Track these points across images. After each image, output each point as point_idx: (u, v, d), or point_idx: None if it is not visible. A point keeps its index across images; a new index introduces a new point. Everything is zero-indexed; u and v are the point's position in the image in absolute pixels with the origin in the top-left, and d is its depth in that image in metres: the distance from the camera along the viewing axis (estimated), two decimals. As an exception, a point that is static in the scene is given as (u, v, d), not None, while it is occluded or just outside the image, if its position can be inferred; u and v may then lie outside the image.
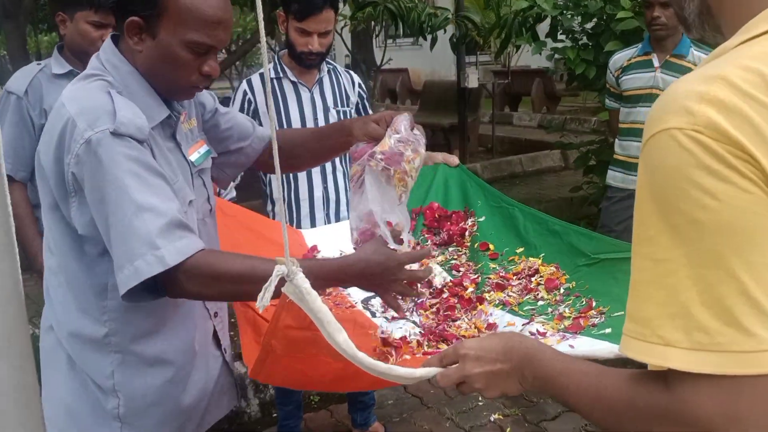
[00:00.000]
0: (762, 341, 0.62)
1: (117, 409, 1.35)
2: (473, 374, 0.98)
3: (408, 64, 14.23)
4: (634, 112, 3.30)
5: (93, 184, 1.18)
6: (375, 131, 1.46)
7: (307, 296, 1.09)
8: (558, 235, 1.89)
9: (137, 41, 1.27)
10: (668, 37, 3.17)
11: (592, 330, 1.51)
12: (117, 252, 1.17)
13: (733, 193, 0.62)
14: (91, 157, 1.17)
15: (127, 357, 1.34)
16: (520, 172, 7.74)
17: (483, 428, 2.96)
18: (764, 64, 0.65)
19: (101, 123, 1.18)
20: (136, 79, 1.30)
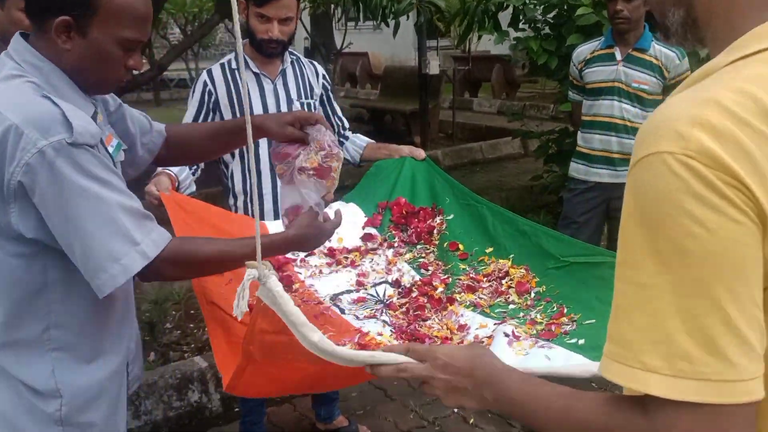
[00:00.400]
0: (743, 371, 0.62)
1: (59, 411, 1.32)
2: (436, 379, 0.98)
3: (368, 48, 14.13)
4: (597, 104, 3.33)
5: (52, 194, 1.18)
6: (293, 134, 1.57)
7: (279, 299, 1.09)
8: (527, 236, 1.90)
9: (65, 40, 1.25)
10: (630, 31, 3.19)
11: (564, 338, 1.51)
12: (94, 255, 1.21)
13: (723, 223, 0.61)
14: (46, 168, 1.16)
15: (67, 353, 1.33)
16: (480, 159, 7.78)
17: (447, 419, 2.98)
18: (758, 87, 0.64)
19: (55, 133, 1.17)
20: (61, 78, 1.28)
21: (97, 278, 1.22)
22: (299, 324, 1.09)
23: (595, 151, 3.36)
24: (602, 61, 3.30)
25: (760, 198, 0.61)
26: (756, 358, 0.63)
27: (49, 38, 1.25)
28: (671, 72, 3.18)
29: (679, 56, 3.17)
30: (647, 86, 3.19)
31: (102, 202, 1.21)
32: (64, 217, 1.19)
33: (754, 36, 0.69)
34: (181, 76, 14.55)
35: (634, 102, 3.22)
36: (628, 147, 3.24)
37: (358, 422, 2.91)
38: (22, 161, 1.16)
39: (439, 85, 9.12)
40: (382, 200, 2.25)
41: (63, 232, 1.21)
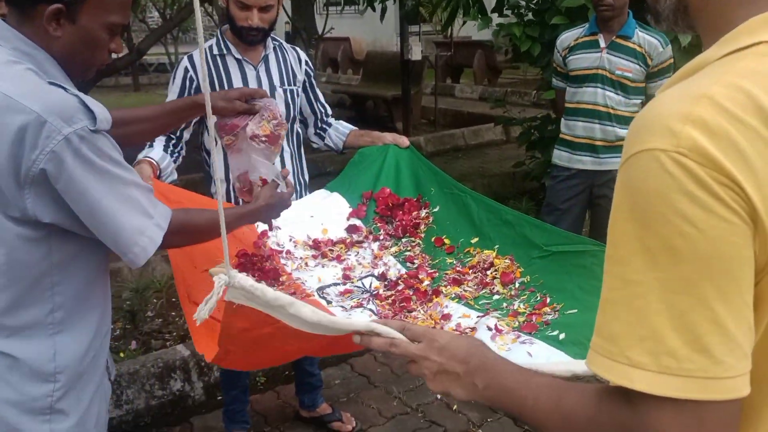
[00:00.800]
0: (729, 368, 0.62)
1: (50, 397, 1.32)
2: (429, 360, 0.98)
3: (349, 33, 14.05)
4: (580, 92, 3.33)
5: (79, 179, 1.22)
6: (242, 107, 1.75)
7: (256, 292, 1.08)
8: (511, 225, 1.90)
9: (55, 27, 1.26)
10: (614, 18, 3.20)
11: (546, 329, 1.52)
12: (126, 231, 1.28)
13: (714, 222, 0.61)
14: (71, 153, 1.20)
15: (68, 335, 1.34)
16: (462, 145, 7.78)
17: (430, 406, 3.00)
18: (751, 82, 0.64)
19: (78, 120, 1.21)
20: (54, 65, 1.29)
21: (131, 252, 1.29)
22: (287, 304, 1.08)
23: (578, 139, 3.37)
24: (586, 48, 3.30)
25: (752, 196, 0.61)
26: (742, 356, 0.63)
27: (38, 25, 1.25)
28: (654, 59, 3.19)
29: (662, 43, 3.18)
30: (630, 74, 3.20)
31: (122, 182, 1.28)
32: (93, 200, 1.24)
33: (747, 29, 0.68)
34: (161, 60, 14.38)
35: (617, 89, 3.23)
36: (612, 134, 3.26)
37: (342, 409, 2.92)
38: (47, 149, 1.18)
39: (422, 70, 9.09)
40: (366, 189, 2.23)
41: (92, 214, 1.25)
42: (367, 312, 1.69)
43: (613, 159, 3.29)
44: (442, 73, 11.67)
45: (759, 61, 0.66)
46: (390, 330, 1.04)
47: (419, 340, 1.01)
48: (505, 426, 2.85)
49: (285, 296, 1.09)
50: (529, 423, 0.83)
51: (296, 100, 2.49)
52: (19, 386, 1.30)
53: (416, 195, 2.17)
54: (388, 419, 2.94)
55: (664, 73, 3.23)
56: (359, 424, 2.86)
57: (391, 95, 8.80)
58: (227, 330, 1.15)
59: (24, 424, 1.31)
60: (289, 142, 2.48)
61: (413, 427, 2.87)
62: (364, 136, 2.47)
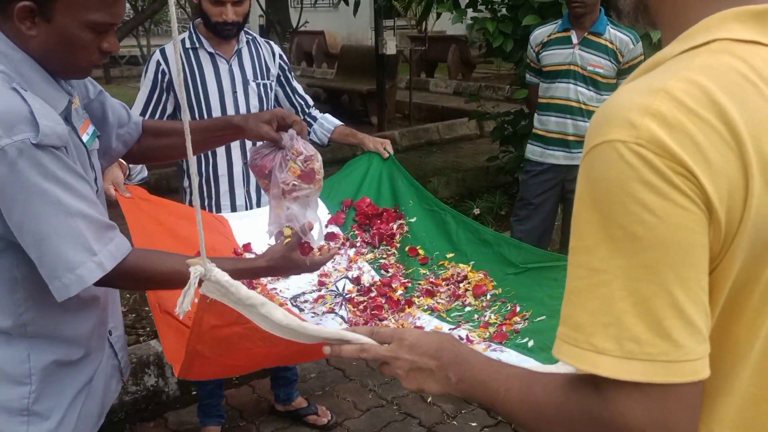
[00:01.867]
0: (689, 351, 0.64)
1: (27, 399, 1.30)
2: (400, 358, 0.98)
3: (324, 27, 13.99)
4: (553, 87, 3.37)
5: (12, 194, 1.15)
6: (268, 134, 1.54)
7: (230, 288, 1.07)
8: (489, 244, 1.93)
9: (29, 26, 1.19)
10: (586, 15, 3.24)
11: (516, 338, 1.55)
12: (50, 261, 1.18)
13: (671, 210, 0.63)
14: (7, 167, 1.13)
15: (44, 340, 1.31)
16: (437, 139, 7.81)
17: (405, 398, 3.02)
18: (706, 78, 0.66)
19: (19, 132, 1.13)
20: (32, 67, 1.23)
21: (52, 284, 1.20)
22: (259, 304, 1.07)
23: (550, 134, 3.41)
24: (559, 44, 3.34)
25: (706, 186, 0.63)
26: (701, 339, 0.65)
27: (12, 24, 1.19)
28: (625, 56, 3.24)
29: (633, 41, 3.23)
30: (602, 70, 3.24)
31: (62, 207, 1.17)
32: (23, 219, 1.17)
33: (703, 27, 0.71)
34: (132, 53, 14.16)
35: (589, 85, 3.28)
36: (583, 129, 3.30)
37: (317, 403, 2.93)
38: None
39: (396, 65, 9.09)
40: (346, 197, 2.25)
41: (21, 232, 1.18)
42: (338, 319, 1.70)
43: None
44: (417, 67, 11.69)
45: (714, 58, 0.68)
46: (359, 336, 1.05)
47: (388, 342, 1.01)
48: (479, 416, 2.89)
49: (258, 296, 1.08)
50: (502, 414, 0.85)
51: (270, 94, 2.49)
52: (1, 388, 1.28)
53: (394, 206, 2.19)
54: (364, 412, 2.95)
55: (634, 70, 3.25)
56: (335, 417, 2.87)
57: (366, 89, 8.79)
58: (198, 326, 1.14)
59: (2, 424, 1.29)
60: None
61: (388, 419, 2.89)
62: (349, 136, 2.47)
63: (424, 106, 9.66)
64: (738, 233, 0.65)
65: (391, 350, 1.00)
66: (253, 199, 2.48)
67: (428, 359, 0.95)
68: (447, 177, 5.84)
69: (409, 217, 2.13)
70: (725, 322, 0.70)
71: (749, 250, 0.66)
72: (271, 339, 1.11)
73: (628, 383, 0.65)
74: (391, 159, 2.26)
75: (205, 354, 1.19)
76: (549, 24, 3.49)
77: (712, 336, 0.68)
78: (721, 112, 0.64)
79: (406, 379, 0.99)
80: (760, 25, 0.70)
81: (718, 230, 0.65)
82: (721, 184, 0.64)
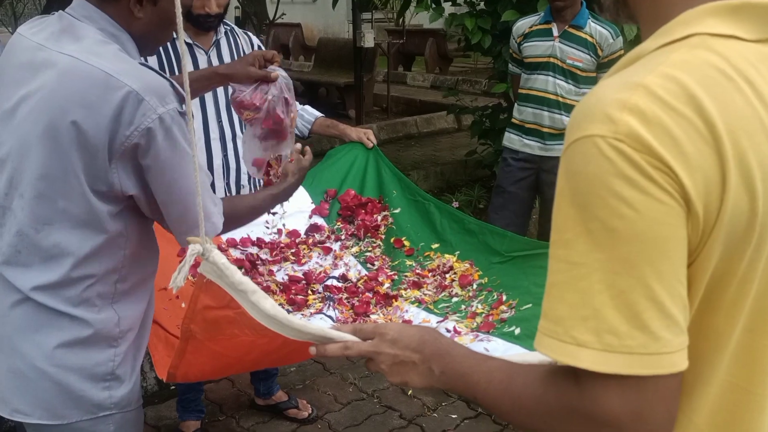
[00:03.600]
0: (666, 344, 0.65)
1: (112, 362, 1.36)
2: (383, 353, 0.99)
3: (301, 19, 13.89)
4: (532, 78, 3.39)
5: (166, 156, 1.28)
6: (257, 74, 1.73)
7: (225, 271, 1.08)
8: (474, 234, 1.94)
9: (139, 9, 1.32)
10: (567, 8, 3.27)
11: (503, 327, 1.56)
12: (193, 213, 1.30)
13: (649, 204, 0.64)
14: (162, 132, 1.26)
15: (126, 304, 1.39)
16: (415, 133, 7.80)
17: (386, 391, 3.03)
18: (684, 72, 0.67)
19: (170, 101, 1.27)
20: (133, 47, 1.36)
21: (192, 233, 1.29)
22: (250, 291, 1.09)
23: (527, 124, 3.44)
24: (540, 36, 3.36)
25: (684, 180, 0.64)
26: (679, 332, 0.66)
27: (122, 6, 1.31)
28: (605, 50, 3.27)
29: (613, 35, 3.26)
30: (581, 63, 3.27)
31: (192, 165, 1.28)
32: (173, 177, 1.30)
33: (681, 21, 0.71)
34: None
35: (568, 78, 3.30)
36: (559, 122, 3.34)
37: (298, 397, 2.93)
38: (143, 125, 1.23)
39: (374, 58, 9.07)
40: (330, 187, 2.24)
41: (170, 189, 1.31)
42: (326, 319, 1.70)
43: (559, 146, 3.37)
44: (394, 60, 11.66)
45: (691, 53, 0.69)
46: (342, 334, 1.06)
47: (371, 338, 1.02)
48: (459, 408, 2.90)
49: (250, 283, 1.10)
50: (484, 406, 0.85)
51: (249, 85, 2.47)
52: (84, 353, 1.33)
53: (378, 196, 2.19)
54: (344, 405, 2.95)
55: (613, 64, 3.28)
56: (315, 410, 2.87)
57: (344, 82, 8.76)
58: (193, 304, 1.16)
59: (87, 391, 1.34)
60: (242, 128, 2.46)
61: (369, 412, 2.90)
62: (330, 127, 2.46)
63: (402, 100, 9.65)
64: (715, 227, 0.66)
65: (374, 345, 1.01)
66: (233, 192, 2.45)
67: (410, 353, 0.96)
68: (426, 170, 5.85)
69: (394, 207, 2.13)
70: (703, 314, 0.71)
71: (726, 243, 0.67)
72: (257, 328, 1.12)
73: (607, 375, 0.66)
74: (375, 149, 2.26)
75: (197, 335, 1.20)
76: (531, 15, 3.51)
77: (691, 327, 0.69)
78: (698, 107, 0.65)
79: (390, 373, 0.99)
80: (737, 19, 0.71)
81: (695, 224, 0.66)
82: (699, 179, 0.64)
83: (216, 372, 1.41)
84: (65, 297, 1.31)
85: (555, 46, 3.30)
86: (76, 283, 1.31)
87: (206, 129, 2.36)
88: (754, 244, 0.68)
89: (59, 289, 1.31)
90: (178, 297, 1.72)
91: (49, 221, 1.29)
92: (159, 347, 1.53)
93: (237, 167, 2.45)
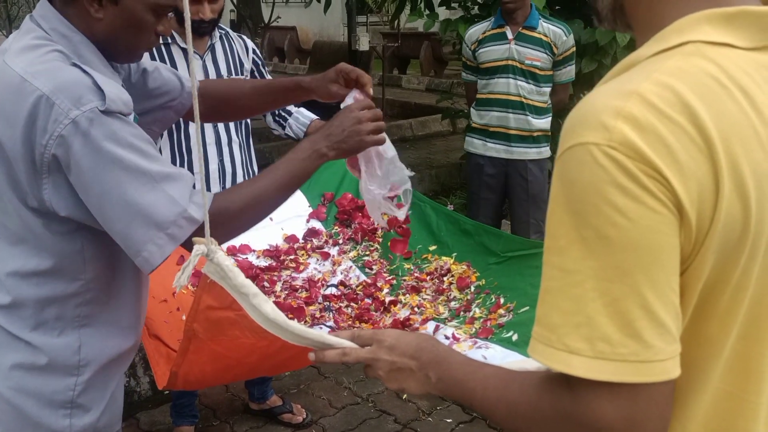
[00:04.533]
0: (658, 352, 0.65)
1: (72, 391, 1.28)
2: (381, 360, 0.99)
3: (296, 22, 13.92)
4: (492, 83, 3.44)
5: (89, 166, 1.12)
6: (338, 92, 1.47)
7: (229, 273, 1.08)
8: (470, 234, 1.95)
9: (97, 9, 1.20)
10: (518, 10, 3.33)
11: (501, 332, 1.57)
12: (138, 228, 1.14)
13: (643, 212, 0.64)
14: (80, 138, 1.11)
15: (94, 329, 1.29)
16: (410, 136, 7.82)
17: (380, 395, 3.03)
18: (678, 80, 0.67)
19: (87, 102, 1.11)
20: (89, 49, 1.23)
21: (144, 251, 1.14)
22: (251, 295, 1.09)
23: (491, 127, 3.48)
24: (494, 40, 3.41)
25: (677, 188, 0.64)
26: (672, 340, 0.66)
27: (80, 7, 1.20)
28: (560, 48, 3.35)
29: (565, 32, 3.35)
30: (539, 62, 3.33)
31: (141, 170, 1.14)
32: (102, 190, 1.13)
33: (676, 29, 0.71)
34: None
35: (528, 78, 3.36)
36: (524, 123, 3.39)
37: (292, 401, 2.92)
38: (55, 133, 1.10)
39: (369, 61, 9.10)
40: (327, 190, 2.24)
41: (101, 205, 1.14)
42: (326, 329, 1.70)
43: (523, 149, 3.44)
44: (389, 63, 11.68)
45: (686, 60, 0.69)
46: (341, 340, 1.06)
47: (369, 344, 1.02)
48: (454, 413, 2.90)
49: (252, 286, 1.10)
50: (480, 413, 0.86)
51: (244, 89, 2.47)
52: (41, 378, 1.26)
53: None
54: (339, 409, 2.95)
55: (568, 60, 3.42)
56: (310, 415, 2.86)
57: (339, 86, 8.76)
58: (196, 304, 1.16)
59: (45, 418, 1.27)
60: (238, 132, 2.46)
61: (364, 416, 2.89)
62: None
63: (397, 103, 9.66)
64: (708, 235, 0.66)
65: (372, 352, 1.01)
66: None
67: (408, 359, 0.96)
68: (420, 173, 5.86)
69: None
70: (697, 322, 0.71)
71: (719, 251, 0.67)
72: (258, 331, 1.12)
73: (600, 382, 0.66)
74: None
75: (199, 335, 1.20)
76: (482, 21, 3.57)
77: (685, 335, 0.69)
78: (692, 115, 0.65)
79: (387, 379, 0.99)
80: (731, 27, 0.71)
81: (688, 232, 0.66)
82: (692, 187, 0.64)
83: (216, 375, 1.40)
84: (20, 317, 1.24)
85: (511, 48, 3.35)
86: (28, 304, 1.23)
87: (202, 134, 2.35)
88: (747, 251, 0.68)
89: (13, 309, 1.24)
90: (178, 309, 1.72)
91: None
92: (161, 362, 1.53)
93: (233, 171, 2.45)
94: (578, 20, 4.19)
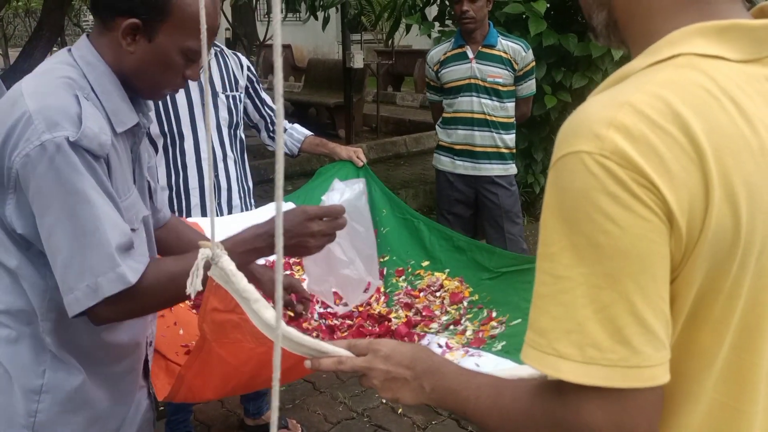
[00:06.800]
0: (647, 358, 0.66)
1: (33, 418, 1.23)
2: (376, 369, 1.00)
3: (290, 40, 13.99)
4: (457, 102, 3.49)
5: (44, 192, 1.12)
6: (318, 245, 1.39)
7: (232, 278, 1.10)
8: (463, 251, 1.96)
9: (130, 42, 1.22)
10: (477, 30, 3.39)
11: (494, 342, 1.58)
12: (71, 268, 1.12)
13: (633, 220, 0.65)
14: (45, 162, 1.10)
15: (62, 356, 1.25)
16: (404, 152, 7.85)
17: (376, 410, 3.02)
18: (670, 91, 0.68)
19: (61, 129, 1.11)
20: (112, 81, 1.24)
21: (77, 290, 1.12)
22: (252, 300, 1.10)
23: (458, 145, 3.54)
24: (456, 60, 3.47)
25: (668, 197, 0.65)
26: (660, 346, 0.67)
27: (113, 38, 1.22)
28: (520, 63, 3.41)
29: (524, 48, 3.42)
30: (501, 79, 3.40)
31: (87, 210, 1.12)
32: (57, 217, 1.12)
33: (668, 42, 0.73)
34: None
35: (491, 95, 3.42)
36: (490, 139, 3.45)
37: (287, 416, 2.91)
38: (23, 152, 1.11)
39: (363, 78, 9.15)
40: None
41: (48, 232, 1.13)
42: None
43: (490, 165, 3.50)
44: (384, 81, 11.75)
45: (677, 72, 0.71)
46: (337, 349, 1.07)
47: (364, 353, 1.03)
48: (449, 428, 2.90)
49: (254, 292, 1.11)
50: (474, 421, 0.86)
51: (239, 106, 2.49)
52: (7, 394, 1.23)
53: None
54: (334, 424, 2.94)
55: (528, 75, 3.49)
56: (305, 430, 2.85)
57: (334, 102, 8.82)
58: (204, 305, 1.18)
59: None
60: (233, 148, 2.47)
61: (359, 431, 2.89)
62: (320, 146, 2.49)
63: (392, 120, 9.71)
64: (698, 243, 0.67)
65: (367, 361, 1.02)
66: (225, 212, 2.46)
67: (403, 369, 0.97)
68: (415, 189, 5.88)
69: (384, 227, 2.15)
70: (690, 332, 0.72)
71: (710, 260, 0.68)
72: (258, 335, 1.14)
73: (589, 388, 0.67)
74: (365, 167, 2.28)
75: (207, 335, 1.21)
76: (443, 43, 3.63)
77: (678, 345, 0.71)
78: (683, 125, 0.66)
79: (382, 389, 1.00)
80: (723, 40, 0.72)
81: (679, 240, 0.67)
82: (683, 196, 0.66)
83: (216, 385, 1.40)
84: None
85: (473, 67, 3.41)
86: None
87: (197, 150, 2.37)
88: (738, 261, 0.69)
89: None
90: (175, 324, 1.73)
91: None
92: (160, 375, 1.54)
93: (228, 187, 2.47)
94: (572, 35, 4.25)
